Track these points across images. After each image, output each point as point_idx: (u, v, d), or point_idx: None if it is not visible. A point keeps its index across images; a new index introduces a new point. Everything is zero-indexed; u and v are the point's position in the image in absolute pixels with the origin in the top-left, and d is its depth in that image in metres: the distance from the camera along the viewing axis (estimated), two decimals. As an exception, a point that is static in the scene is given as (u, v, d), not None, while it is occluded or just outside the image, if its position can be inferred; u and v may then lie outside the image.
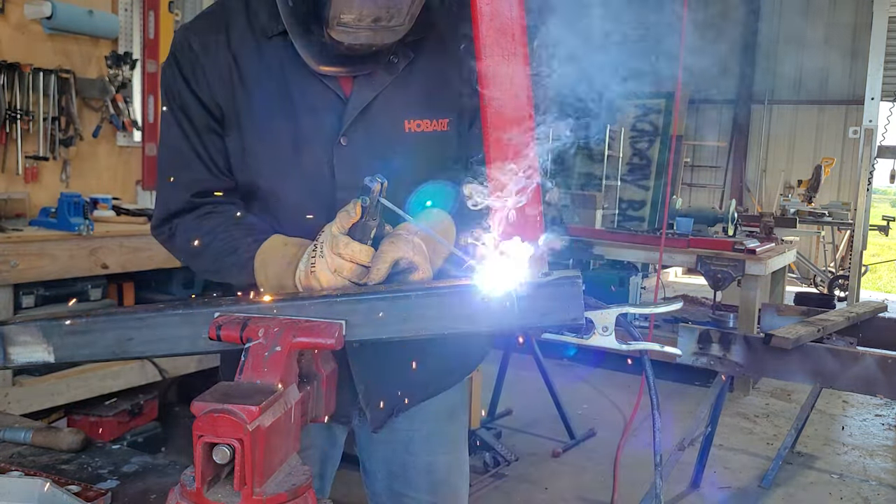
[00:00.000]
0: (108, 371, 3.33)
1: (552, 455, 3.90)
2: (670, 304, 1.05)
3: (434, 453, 1.51)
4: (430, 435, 1.50)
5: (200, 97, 1.29)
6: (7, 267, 2.97)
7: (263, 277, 1.21)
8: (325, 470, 1.54)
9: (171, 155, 1.34)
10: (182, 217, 1.33)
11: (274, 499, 0.86)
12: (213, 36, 1.30)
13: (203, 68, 1.29)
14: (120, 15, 4.08)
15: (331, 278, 1.09)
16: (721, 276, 4.91)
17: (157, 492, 1.18)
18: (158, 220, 1.37)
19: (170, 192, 1.34)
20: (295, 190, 1.30)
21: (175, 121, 1.31)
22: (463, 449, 1.59)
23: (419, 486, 1.50)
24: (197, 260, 1.33)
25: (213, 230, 1.29)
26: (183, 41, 1.31)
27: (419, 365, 1.40)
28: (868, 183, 6.08)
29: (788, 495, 3.63)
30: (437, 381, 1.47)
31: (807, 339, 2.98)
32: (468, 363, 1.55)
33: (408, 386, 1.42)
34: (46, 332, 1.08)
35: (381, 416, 1.41)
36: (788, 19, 10.65)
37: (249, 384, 0.92)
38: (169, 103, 1.32)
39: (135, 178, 4.26)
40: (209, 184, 1.32)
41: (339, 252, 1.08)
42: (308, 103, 1.27)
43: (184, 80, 1.29)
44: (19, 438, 1.33)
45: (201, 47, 1.29)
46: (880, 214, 9.53)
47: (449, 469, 1.54)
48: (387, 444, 1.50)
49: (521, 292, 0.96)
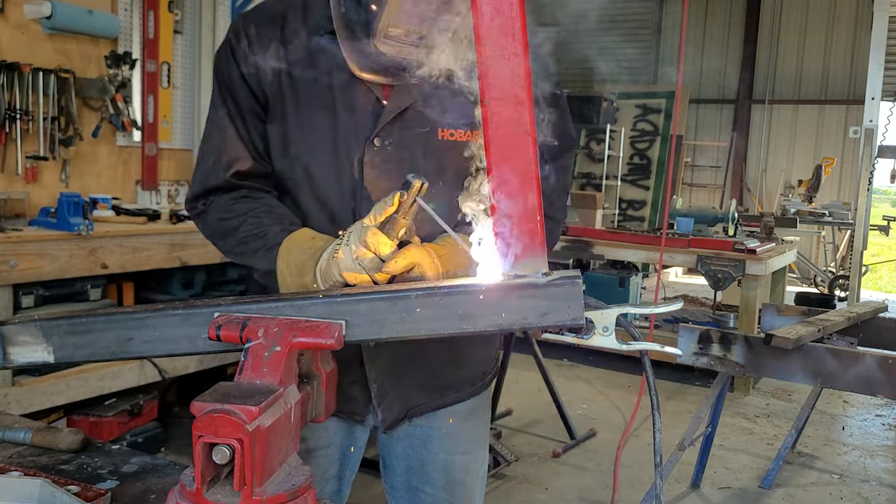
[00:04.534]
0: (108, 371, 3.33)
1: (552, 455, 3.90)
2: (670, 304, 1.04)
3: (452, 452, 1.51)
4: (448, 434, 1.50)
5: (249, 82, 1.34)
6: (7, 267, 2.97)
7: (285, 264, 1.23)
8: (343, 471, 1.55)
9: (215, 134, 1.39)
10: (217, 195, 1.37)
11: (274, 499, 0.86)
12: (268, 26, 1.34)
13: (254, 55, 1.33)
14: (120, 15, 4.08)
15: (350, 265, 1.12)
16: (721, 276, 4.91)
17: (157, 492, 1.18)
18: (194, 194, 1.41)
19: (209, 169, 1.38)
20: (324, 183, 1.34)
21: (223, 102, 1.37)
22: (482, 450, 1.59)
23: (436, 482, 1.51)
24: (224, 239, 1.37)
25: (245, 214, 1.33)
26: (239, 28, 1.36)
27: (435, 371, 1.43)
28: (868, 183, 6.07)
29: (788, 495, 3.63)
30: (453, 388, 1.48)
31: (807, 339, 2.97)
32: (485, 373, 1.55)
33: (422, 390, 1.44)
34: (46, 332, 1.08)
35: (392, 416, 1.43)
36: (789, 19, 10.65)
37: (249, 384, 0.92)
38: (219, 84, 1.37)
39: (134, 178, 4.27)
40: (247, 166, 1.36)
41: (366, 240, 1.11)
42: (348, 101, 1.31)
43: (235, 65, 1.34)
44: (19, 438, 1.32)
45: (256, 35, 1.34)
46: (881, 214, 9.53)
47: (466, 469, 1.54)
48: (406, 440, 1.51)
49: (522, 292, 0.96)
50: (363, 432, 1.53)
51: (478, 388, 1.53)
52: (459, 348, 1.45)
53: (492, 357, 1.58)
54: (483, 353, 1.54)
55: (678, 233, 5.47)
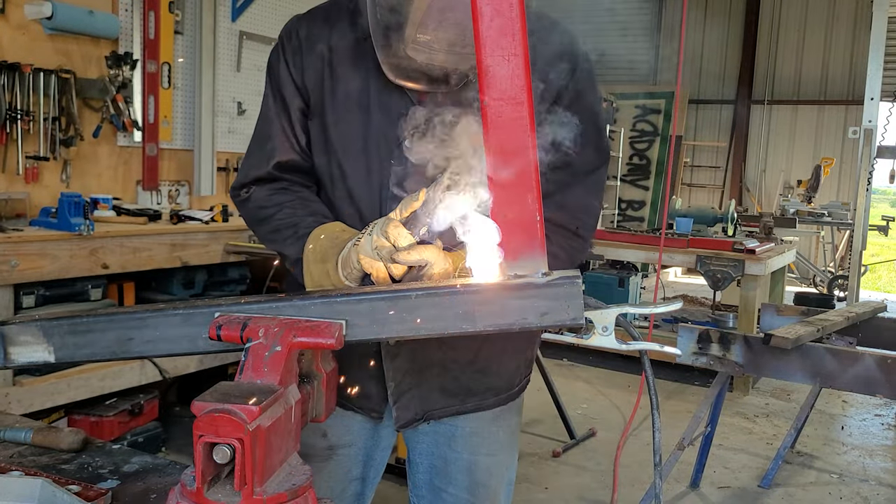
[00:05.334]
0: (109, 371, 3.33)
1: (552, 455, 3.90)
2: (670, 304, 1.05)
3: (476, 453, 1.51)
4: (472, 434, 1.50)
5: (295, 80, 1.41)
6: (7, 267, 2.98)
7: (311, 250, 1.27)
8: (367, 472, 1.54)
9: (262, 127, 1.46)
10: (260, 185, 1.44)
11: (274, 499, 0.86)
12: (318, 28, 1.41)
13: (302, 55, 1.40)
14: (120, 15, 4.08)
15: (368, 252, 1.15)
16: (721, 276, 4.92)
17: (158, 492, 1.19)
18: (239, 182, 1.47)
19: (255, 159, 1.45)
20: (355, 180, 1.38)
21: (272, 97, 1.44)
22: (508, 454, 1.57)
23: (459, 483, 1.51)
24: (259, 225, 1.43)
25: (281, 204, 1.39)
26: (292, 28, 1.44)
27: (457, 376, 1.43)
28: (868, 183, 6.07)
29: (788, 495, 3.63)
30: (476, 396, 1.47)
31: (806, 338, 2.98)
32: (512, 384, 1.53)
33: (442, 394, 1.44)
34: (47, 332, 1.09)
35: (408, 416, 1.43)
36: (788, 19, 10.65)
37: (250, 384, 0.92)
38: (270, 80, 1.45)
39: (135, 179, 4.27)
40: (289, 159, 1.42)
41: (387, 231, 1.14)
42: (383, 103, 1.36)
43: (285, 63, 1.41)
44: (19, 438, 1.33)
45: (305, 36, 1.41)
46: (880, 214, 9.53)
47: (489, 471, 1.52)
48: (431, 437, 1.51)
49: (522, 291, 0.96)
50: (390, 432, 1.53)
51: (503, 398, 1.51)
52: (484, 356, 1.45)
53: (521, 368, 1.55)
54: (511, 364, 1.51)
55: (677, 233, 5.47)
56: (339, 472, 1.50)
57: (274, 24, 5.06)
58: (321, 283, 1.24)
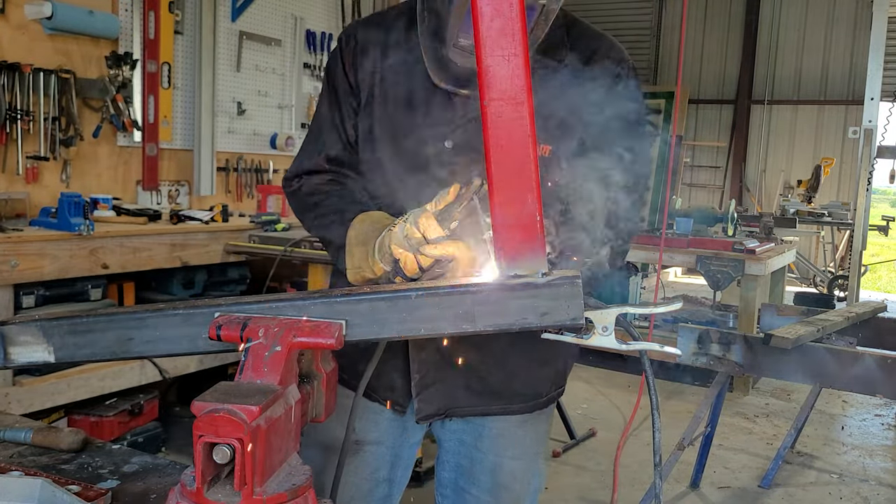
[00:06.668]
0: (108, 371, 3.33)
1: (552, 455, 3.90)
2: (670, 304, 1.05)
3: (501, 455, 1.51)
4: (499, 435, 1.50)
5: (350, 79, 1.47)
6: (7, 267, 2.98)
7: (353, 233, 1.31)
8: (394, 473, 1.55)
9: (317, 122, 1.54)
10: (309, 176, 1.51)
11: (274, 499, 0.86)
12: (374, 31, 1.47)
13: (357, 56, 1.47)
14: (120, 15, 4.08)
15: (400, 240, 1.19)
16: (721, 276, 4.92)
17: (158, 492, 1.19)
18: (291, 173, 1.54)
19: (306, 153, 1.53)
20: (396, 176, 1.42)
21: (328, 94, 1.51)
22: (535, 460, 1.57)
23: (482, 484, 1.52)
24: (306, 213, 1.49)
25: (328, 192, 1.47)
26: (350, 31, 1.51)
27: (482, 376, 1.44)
28: (868, 183, 6.07)
29: (788, 495, 3.63)
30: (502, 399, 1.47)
31: (806, 339, 2.98)
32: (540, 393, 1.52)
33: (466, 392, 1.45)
34: (47, 332, 1.09)
35: (430, 410, 1.45)
36: (788, 19, 10.65)
37: (250, 384, 0.92)
38: (327, 78, 1.52)
39: (135, 179, 4.27)
40: (339, 153, 1.49)
41: (419, 221, 1.17)
42: (428, 104, 1.41)
43: (341, 63, 1.48)
44: (19, 438, 1.33)
45: (362, 39, 1.48)
46: (880, 214, 9.52)
47: (513, 475, 1.52)
48: (459, 435, 1.52)
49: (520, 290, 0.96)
50: (416, 429, 1.53)
51: (530, 406, 1.51)
52: (513, 362, 1.46)
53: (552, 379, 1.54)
54: (540, 372, 1.51)
55: (677, 233, 5.47)
56: (366, 470, 1.50)
57: (274, 24, 5.07)
58: (360, 265, 1.28)
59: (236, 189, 4.88)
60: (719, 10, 11.04)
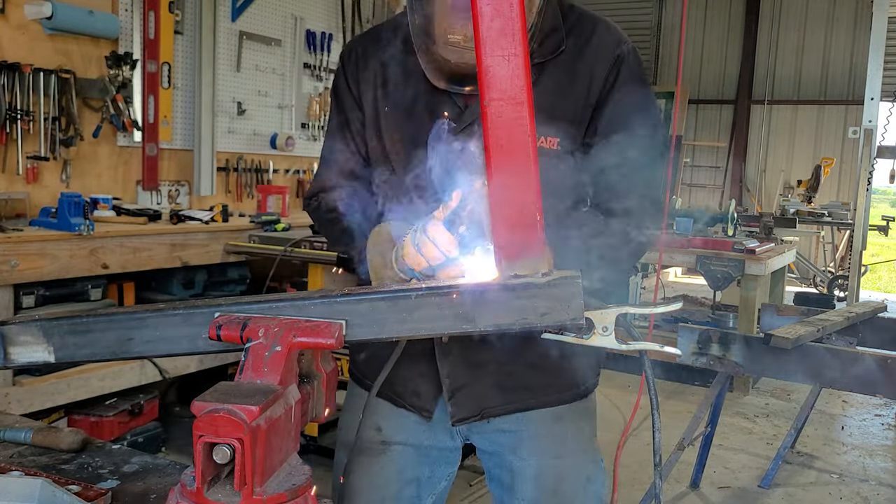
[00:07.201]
0: (108, 371, 3.33)
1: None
2: (670, 304, 1.05)
3: (543, 455, 1.48)
4: (537, 436, 1.47)
5: (354, 94, 1.50)
6: (7, 267, 2.98)
7: (373, 242, 1.33)
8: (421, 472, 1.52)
9: (329, 139, 1.56)
10: (327, 193, 1.53)
11: (274, 499, 0.86)
12: (373, 45, 1.49)
13: (359, 72, 1.49)
14: (120, 15, 4.08)
15: (412, 251, 1.21)
16: (720, 276, 4.91)
17: (158, 492, 1.19)
18: (311, 192, 1.58)
19: (324, 171, 1.56)
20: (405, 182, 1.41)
21: (336, 112, 1.54)
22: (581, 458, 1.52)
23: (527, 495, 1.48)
24: (327, 226, 1.53)
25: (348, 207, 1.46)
26: (351, 47, 1.54)
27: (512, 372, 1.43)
28: (868, 183, 6.07)
29: (788, 495, 3.63)
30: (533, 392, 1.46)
31: (806, 339, 2.97)
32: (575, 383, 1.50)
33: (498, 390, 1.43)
34: (47, 332, 1.09)
35: (464, 413, 1.43)
36: (788, 19, 10.65)
37: (250, 384, 0.92)
38: (334, 97, 1.55)
39: (135, 179, 4.27)
40: (354, 168, 1.52)
41: (427, 229, 1.19)
42: (431, 108, 1.41)
43: (345, 80, 1.51)
44: (19, 438, 1.33)
45: (361, 54, 1.50)
46: (880, 214, 9.52)
47: (560, 476, 1.49)
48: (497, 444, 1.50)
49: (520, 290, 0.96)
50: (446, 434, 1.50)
51: (566, 396, 1.48)
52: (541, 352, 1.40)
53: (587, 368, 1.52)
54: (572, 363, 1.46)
55: (677, 233, 5.47)
56: (393, 469, 1.49)
57: (274, 24, 5.07)
58: (378, 271, 1.30)
59: (236, 189, 4.88)
60: (719, 10, 11.04)
